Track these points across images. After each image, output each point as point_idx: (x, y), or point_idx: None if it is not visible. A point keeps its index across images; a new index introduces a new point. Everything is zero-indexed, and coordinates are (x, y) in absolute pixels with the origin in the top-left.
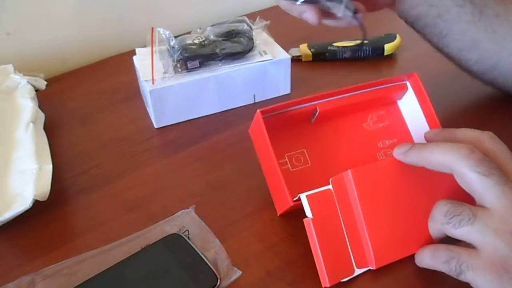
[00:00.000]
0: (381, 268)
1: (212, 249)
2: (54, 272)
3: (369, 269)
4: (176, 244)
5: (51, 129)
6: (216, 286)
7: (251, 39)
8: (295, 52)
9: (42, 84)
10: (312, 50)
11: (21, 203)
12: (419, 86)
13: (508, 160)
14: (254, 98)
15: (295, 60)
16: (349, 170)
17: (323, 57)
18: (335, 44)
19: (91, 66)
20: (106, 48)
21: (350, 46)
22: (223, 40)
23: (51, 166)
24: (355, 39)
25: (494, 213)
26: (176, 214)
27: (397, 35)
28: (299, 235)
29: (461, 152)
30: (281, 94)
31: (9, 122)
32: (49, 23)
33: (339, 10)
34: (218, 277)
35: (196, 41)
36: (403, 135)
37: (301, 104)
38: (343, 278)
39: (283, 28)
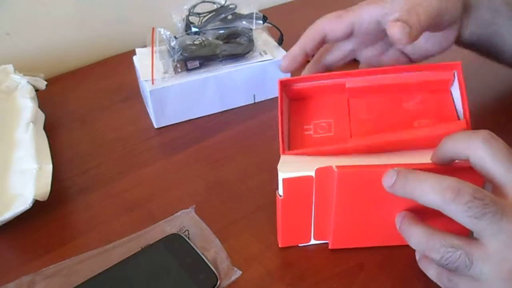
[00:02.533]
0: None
1: (212, 249)
2: (54, 272)
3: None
4: (176, 244)
5: (51, 129)
6: (216, 286)
7: (251, 40)
8: None
9: (42, 84)
10: None
11: (21, 203)
12: (461, 76)
13: (504, 167)
14: (254, 98)
15: None
16: (336, 170)
17: None
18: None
19: (91, 66)
20: (106, 48)
21: None
22: (224, 41)
23: (51, 166)
24: None
25: (492, 252)
26: (176, 214)
27: None
28: None
29: (446, 195)
30: None
31: (9, 122)
32: (49, 23)
33: None
34: (218, 277)
35: (197, 42)
36: (444, 118)
37: (328, 79)
38: (297, 243)
39: (283, 28)
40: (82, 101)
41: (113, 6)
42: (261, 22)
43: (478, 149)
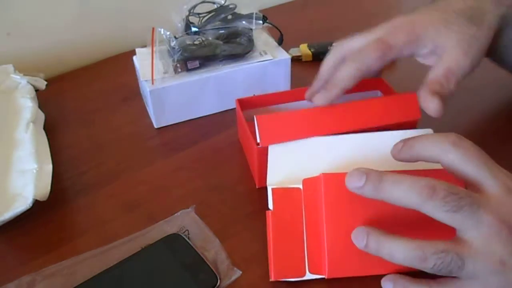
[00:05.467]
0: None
1: (212, 249)
2: (54, 272)
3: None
4: (176, 244)
5: (51, 129)
6: (216, 286)
7: (251, 40)
8: (295, 52)
9: (42, 84)
10: (312, 50)
11: (21, 203)
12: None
13: (477, 167)
14: None
15: (295, 60)
16: (321, 174)
17: (323, 57)
18: (335, 44)
19: (91, 66)
20: (106, 48)
21: None
22: (223, 41)
23: (51, 166)
24: None
25: (479, 248)
26: (176, 214)
27: None
28: None
29: (423, 194)
30: None
31: (9, 122)
32: (49, 23)
33: None
34: (218, 277)
35: (196, 42)
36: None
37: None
38: (292, 277)
39: (283, 28)
40: (82, 101)
41: (113, 6)
42: (261, 22)
43: (449, 153)
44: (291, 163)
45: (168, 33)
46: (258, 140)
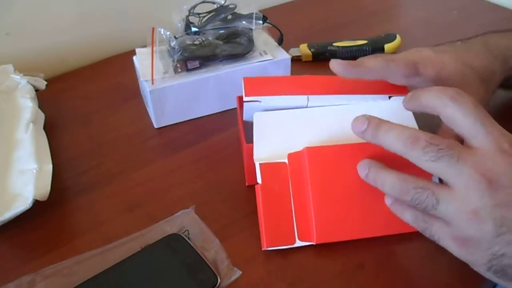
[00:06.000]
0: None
1: (212, 249)
2: (54, 272)
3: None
4: (176, 244)
5: (51, 129)
6: (216, 286)
7: (251, 40)
8: (295, 52)
9: (42, 84)
10: (312, 50)
11: (21, 203)
12: None
13: (472, 122)
14: None
15: (295, 60)
16: (305, 148)
17: (323, 57)
18: (335, 44)
19: (91, 66)
20: (106, 48)
21: (350, 46)
22: (223, 41)
23: (51, 166)
24: (355, 39)
25: (456, 194)
26: (176, 214)
27: (397, 35)
28: None
29: (407, 143)
30: None
31: (9, 122)
32: (49, 23)
33: None
34: (218, 277)
35: (196, 42)
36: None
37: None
38: (282, 245)
39: (283, 28)
40: (82, 101)
41: (113, 6)
42: (261, 22)
43: (447, 107)
44: (276, 138)
45: (168, 33)
46: (243, 95)
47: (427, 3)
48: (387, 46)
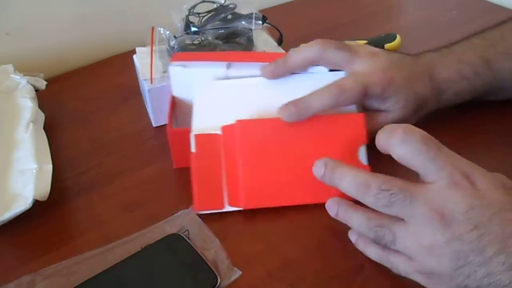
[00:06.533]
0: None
1: (212, 249)
2: (54, 272)
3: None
4: (176, 244)
5: (51, 129)
6: (216, 286)
7: (251, 40)
8: None
9: (42, 84)
10: None
11: (21, 203)
12: None
13: (423, 161)
14: None
15: None
16: (237, 121)
17: None
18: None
19: (91, 66)
20: (106, 48)
21: None
22: (223, 41)
23: (51, 166)
24: (355, 39)
25: (411, 229)
26: (176, 214)
27: (397, 35)
28: (299, 236)
29: (359, 190)
30: None
31: (9, 122)
32: (49, 23)
33: None
34: (218, 277)
35: (196, 42)
36: None
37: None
38: (212, 209)
39: (283, 28)
40: (82, 101)
41: (113, 6)
42: (260, 22)
43: (397, 148)
44: (215, 110)
45: (167, 32)
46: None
47: (427, 3)
48: (387, 46)
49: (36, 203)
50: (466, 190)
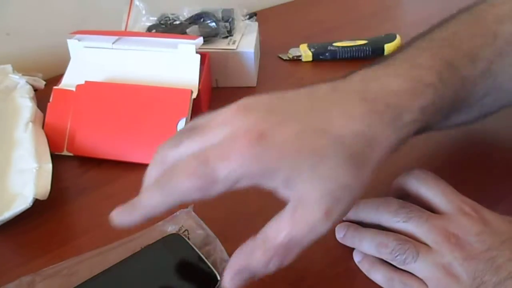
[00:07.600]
0: None
1: (212, 249)
2: (54, 272)
3: None
4: (176, 244)
5: None
6: (216, 286)
7: (218, 25)
8: (295, 52)
9: (41, 84)
10: (312, 50)
11: (21, 202)
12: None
13: (435, 195)
14: (217, 83)
15: (295, 60)
16: (85, 82)
17: (323, 57)
18: (335, 44)
19: None
20: None
21: (350, 46)
22: (191, 23)
23: (50, 165)
24: (355, 39)
25: (431, 249)
26: (176, 214)
27: (397, 35)
28: None
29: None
30: (246, 85)
31: (8, 122)
32: (49, 23)
33: None
34: (218, 277)
35: (163, 22)
36: None
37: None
38: (53, 152)
39: (283, 28)
40: None
41: (113, 6)
42: (246, 16)
43: (413, 186)
44: (79, 73)
45: (143, 11)
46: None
47: (427, 3)
48: (387, 46)
49: (36, 203)
50: (475, 219)
